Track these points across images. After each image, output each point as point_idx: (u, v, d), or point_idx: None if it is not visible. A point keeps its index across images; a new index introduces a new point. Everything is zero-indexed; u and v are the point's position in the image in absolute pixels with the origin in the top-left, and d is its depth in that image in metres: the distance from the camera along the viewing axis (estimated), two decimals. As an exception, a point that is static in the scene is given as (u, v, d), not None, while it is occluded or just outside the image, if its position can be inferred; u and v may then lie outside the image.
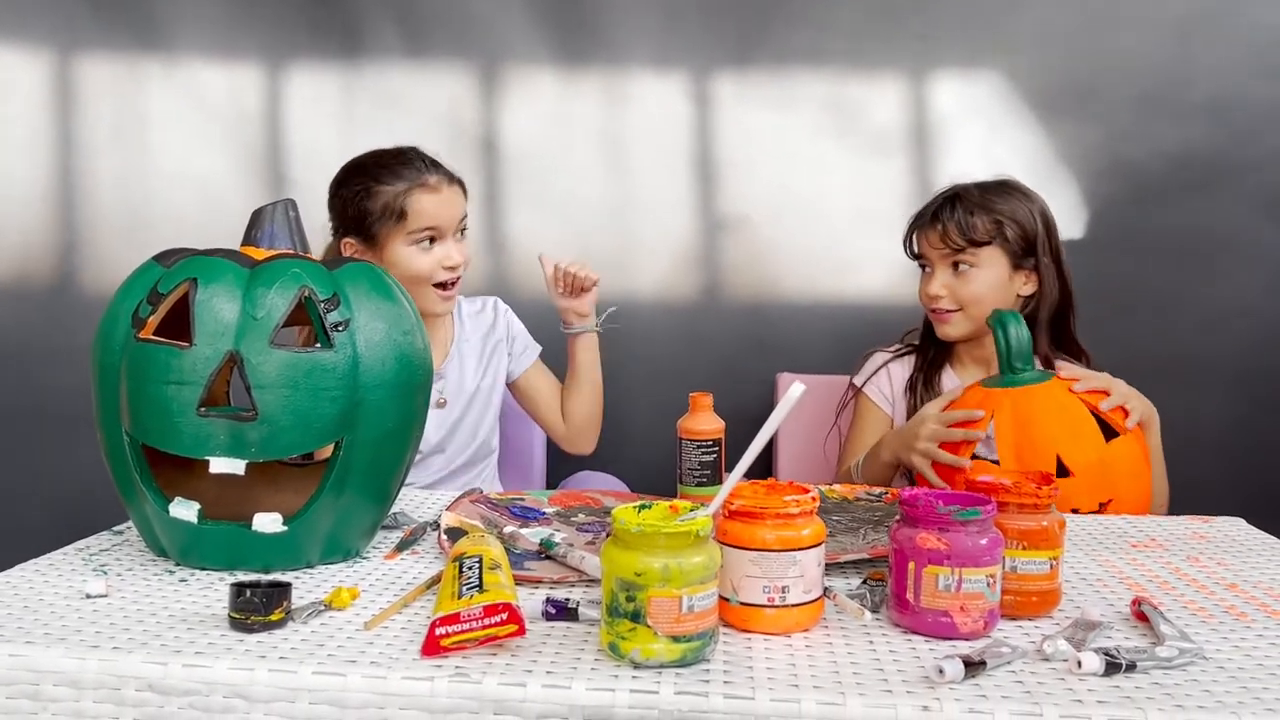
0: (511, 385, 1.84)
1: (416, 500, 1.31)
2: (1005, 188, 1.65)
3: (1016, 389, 1.42)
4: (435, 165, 1.68)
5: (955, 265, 1.60)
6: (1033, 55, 2.18)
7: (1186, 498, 1.92)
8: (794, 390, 0.80)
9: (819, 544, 0.86)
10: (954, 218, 1.58)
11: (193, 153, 2.21)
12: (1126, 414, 1.40)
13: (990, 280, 1.60)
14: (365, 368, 0.98)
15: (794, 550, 0.84)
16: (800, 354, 2.16)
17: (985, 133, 2.19)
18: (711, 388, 2.22)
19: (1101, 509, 1.35)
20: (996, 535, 0.86)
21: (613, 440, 1.98)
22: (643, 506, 0.83)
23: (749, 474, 0.86)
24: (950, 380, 1.69)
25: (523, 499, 1.26)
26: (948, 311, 1.61)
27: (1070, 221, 2.19)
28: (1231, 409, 2.18)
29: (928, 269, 1.64)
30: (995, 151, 2.18)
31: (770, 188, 2.21)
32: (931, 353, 1.71)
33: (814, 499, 0.86)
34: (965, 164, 2.18)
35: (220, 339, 0.94)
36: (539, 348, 1.88)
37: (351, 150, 2.21)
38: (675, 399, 2.17)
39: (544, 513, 1.21)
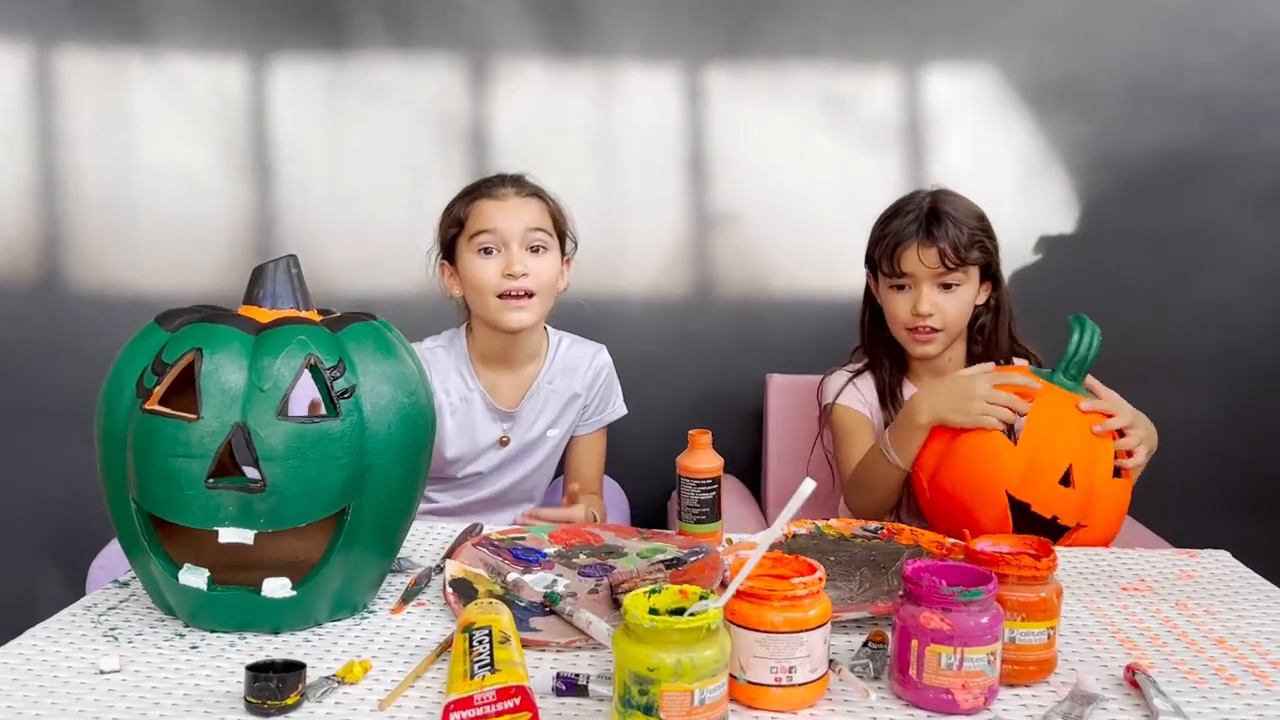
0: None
1: (417, 536, 1.32)
2: (957, 197, 1.64)
3: (1061, 390, 1.42)
4: (518, 181, 1.67)
5: (943, 283, 1.60)
6: (1024, 49, 2.18)
7: (1172, 491, 1.96)
8: (805, 487, 0.81)
9: (825, 623, 0.88)
10: (948, 237, 1.56)
11: (177, 147, 2.18)
12: (1130, 455, 1.40)
13: (970, 297, 1.61)
14: (371, 433, 0.99)
15: (801, 631, 0.86)
16: (791, 352, 2.17)
17: (977, 127, 2.19)
18: (702, 386, 2.26)
19: (1077, 528, 1.37)
20: (997, 612, 0.88)
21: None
22: (653, 591, 0.85)
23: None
24: (910, 392, 1.69)
25: (523, 538, 1.27)
26: (933, 331, 1.61)
27: (1060, 217, 2.21)
28: (1215, 403, 2.22)
29: (906, 288, 1.62)
30: (987, 146, 2.19)
31: (761, 183, 2.20)
32: (888, 369, 1.71)
33: (820, 579, 0.88)
34: (956, 159, 2.19)
35: (227, 410, 0.94)
36: (619, 413, 1.83)
37: (338, 144, 2.20)
38: (666, 398, 2.20)
39: (545, 554, 1.23)
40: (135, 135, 2.18)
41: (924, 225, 1.59)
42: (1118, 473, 1.40)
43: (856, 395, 1.71)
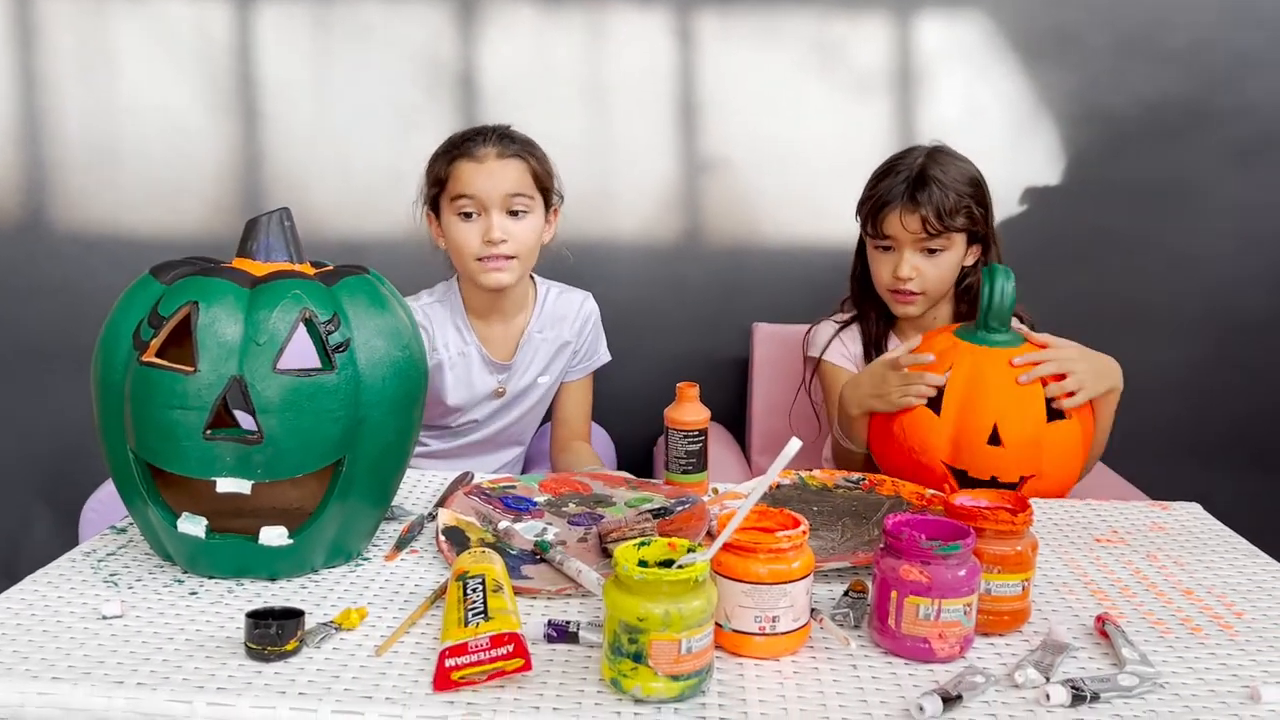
0: None
1: (409, 483, 1.34)
2: (952, 159, 1.63)
3: (982, 349, 1.42)
4: (501, 139, 1.63)
5: (926, 249, 1.60)
6: (1016, -3, 2.17)
7: (1147, 440, 2.00)
8: (791, 447, 0.83)
9: (808, 574, 0.91)
10: (932, 203, 1.56)
11: (161, 87, 2.16)
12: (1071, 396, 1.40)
13: (954, 261, 1.62)
14: (366, 386, 1.00)
15: (785, 583, 0.89)
16: (778, 301, 2.19)
17: (968, 76, 2.18)
18: (689, 332, 2.28)
19: (1022, 481, 1.38)
20: (975, 565, 0.91)
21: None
22: (642, 543, 0.87)
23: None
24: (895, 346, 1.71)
25: (514, 486, 1.29)
26: (914, 294, 1.63)
27: (1046, 168, 2.22)
28: (1193, 354, 2.26)
29: (890, 249, 1.63)
30: (976, 96, 2.19)
31: (751, 129, 2.20)
32: (875, 322, 1.73)
33: (804, 533, 0.91)
34: (946, 108, 2.19)
35: (224, 364, 0.96)
36: (604, 359, 1.84)
37: (325, 86, 2.18)
38: (653, 344, 2.22)
39: (535, 503, 1.25)
40: (118, 75, 2.16)
41: (909, 189, 1.58)
42: (1059, 415, 1.40)
43: (841, 350, 1.73)
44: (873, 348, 1.70)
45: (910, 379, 1.41)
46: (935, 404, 1.40)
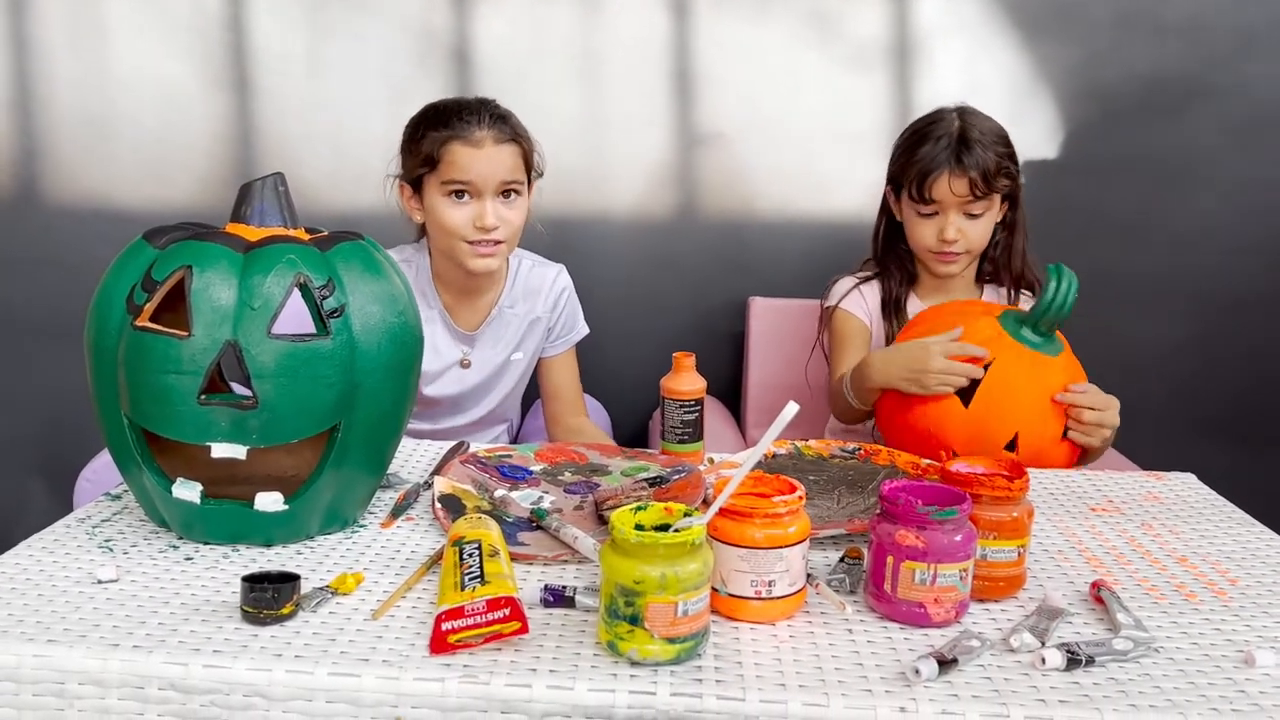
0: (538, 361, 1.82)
1: (405, 452, 1.34)
2: (982, 118, 1.65)
3: (1026, 351, 1.41)
4: (495, 120, 1.59)
5: (969, 211, 1.62)
6: (1014, -31, 2.15)
7: (1141, 416, 2.00)
8: (788, 410, 0.83)
9: (804, 539, 0.91)
10: (978, 166, 1.57)
11: (154, 58, 2.14)
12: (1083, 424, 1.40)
13: (994, 219, 1.64)
14: (361, 353, 1.00)
15: (781, 548, 0.89)
16: (773, 275, 2.19)
17: (966, 50, 2.17)
18: (684, 307, 2.27)
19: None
20: (970, 530, 0.91)
21: (588, 361, 2.01)
22: (639, 508, 0.87)
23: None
24: (915, 305, 1.73)
25: (510, 455, 1.29)
26: (958, 254, 1.64)
27: (1044, 142, 2.21)
28: (1187, 330, 2.26)
29: (934, 214, 1.63)
30: (975, 70, 2.17)
31: (747, 103, 2.19)
32: (897, 281, 1.74)
33: (800, 498, 0.91)
34: (944, 82, 2.18)
35: (218, 328, 0.95)
36: (583, 332, 1.83)
37: (319, 58, 2.17)
38: (649, 318, 2.21)
39: (531, 471, 1.25)
40: (109, 46, 2.14)
41: (954, 153, 1.59)
42: (1066, 432, 1.41)
43: (859, 302, 1.74)
44: (892, 305, 1.71)
45: (952, 368, 1.39)
46: (964, 394, 1.40)
